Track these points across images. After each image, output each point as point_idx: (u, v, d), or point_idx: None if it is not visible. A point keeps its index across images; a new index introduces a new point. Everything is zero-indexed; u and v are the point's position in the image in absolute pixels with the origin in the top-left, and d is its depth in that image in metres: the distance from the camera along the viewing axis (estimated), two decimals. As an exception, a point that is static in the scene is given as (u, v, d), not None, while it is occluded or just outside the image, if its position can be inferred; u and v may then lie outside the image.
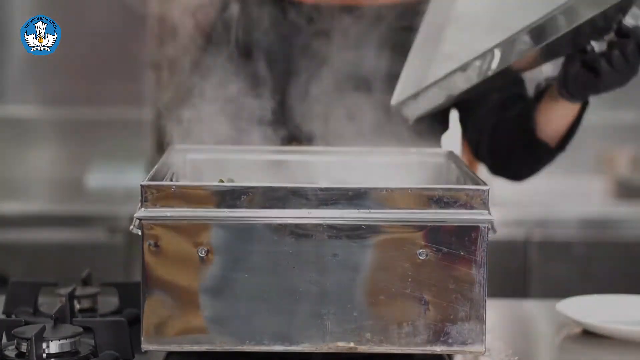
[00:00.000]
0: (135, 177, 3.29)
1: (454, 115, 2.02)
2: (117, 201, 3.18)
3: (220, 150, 1.73)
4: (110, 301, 1.73)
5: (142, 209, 1.38)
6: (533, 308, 1.93)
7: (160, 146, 2.30)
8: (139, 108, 3.53)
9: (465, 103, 1.93)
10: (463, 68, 1.66)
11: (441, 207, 1.38)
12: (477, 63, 1.65)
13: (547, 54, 1.70)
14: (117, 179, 3.40)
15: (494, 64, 1.65)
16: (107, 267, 3.02)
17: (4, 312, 1.67)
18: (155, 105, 3.42)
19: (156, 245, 1.38)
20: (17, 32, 3.51)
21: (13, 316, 1.65)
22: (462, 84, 1.68)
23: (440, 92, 1.71)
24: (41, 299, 1.73)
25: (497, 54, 1.64)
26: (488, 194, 1.38)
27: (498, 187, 2.32)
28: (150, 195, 1.38)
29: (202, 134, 1.74)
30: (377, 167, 1.72)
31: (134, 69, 3.51)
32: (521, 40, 1.61)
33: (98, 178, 3.44)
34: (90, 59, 3.55)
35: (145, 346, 1.39)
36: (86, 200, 3.33)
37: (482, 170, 2.09)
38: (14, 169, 3.54)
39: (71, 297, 1.62)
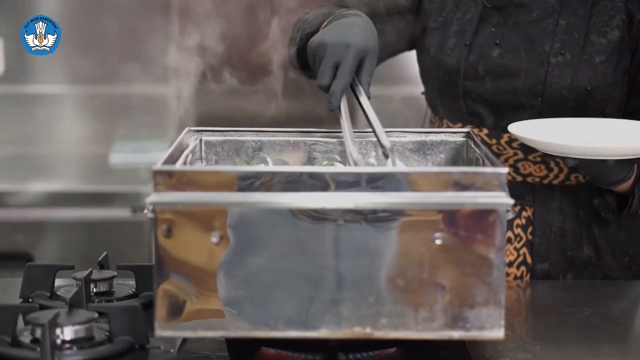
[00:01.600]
0: (159, 155, 3.28)
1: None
2: (141, 179, 3.18)
3: (235, 132, 1.71)
4: (127, 284, 1.72)
5: (155, 193, 1.37)
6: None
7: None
8: (163, 86, 3.52)
9: None
10: None
11: (458, 190, 1.36)
12: None
13: None
14: (141, 157, 3.40)
15: None
16: (131, 246, 3.02)
17: (20, 297, 1.66)
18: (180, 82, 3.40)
19: (169, 230, 1.36)
20: (42, 12, 3.51)
21: (30, 300, 1.64)
22: None
23: None
24: (60, 282, 1.73)
25: None
26: (505, 177, 1.36)
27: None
28: (163, 180, 1.37)
29: None
30: (396, 147, 1.70)
31: (159, 46, 3.50)
32: None
33: (122, 156, 3.43)
34: (115, 37, 3.54)
35: (159, 332, 1.37)
36: (110, 178, 3.33)
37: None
38: (38, 147, 3.54)
39: (87, 281, 1.61)
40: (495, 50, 1.90)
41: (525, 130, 1.73)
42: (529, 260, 1.92)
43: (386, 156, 1.59)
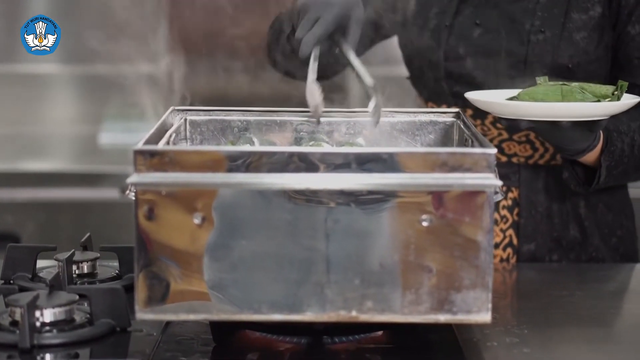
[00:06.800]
0: (148, 136, 3.26)
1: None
2: (131, 160, 3.14)
3: (221, 111, 1.68)
4: (110, 266, 1.70)
5: (136, 174, 1.34)
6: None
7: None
8: (154, 65, 3.48)
9: None
10: None
11: (446, 172, 1.33)
12: None
13: None
14: (131, 137, 3.37)
15: None
16: (120, 227, 2.99)
17: (1, 278, 1.64)
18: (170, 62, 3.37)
19: (151, 211, 1.33)
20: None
21: (11, 282, 1.62)
22: None
23: None
24: (44, 263, 1.70)
25: None
26: (494, 158, 1.33)
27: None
28: (144, 160, 1.34)
29: None
30: (384, 128, 1.67)
31: (149, 25, 3.46)
32: None
33: (111, 136, 3.40)
34: (105, 16, 3.50)
35: (139, 315, 1.34)
36: (99, 158, 3.30)
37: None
38: (26, 127, 3.51)
39: (69, 262, 1.58)
40: (475, 30, 1.88)
41: (482, 94, 1.69)
42: (515, 241, 1.90)
43: (369, 96, 1.57)
